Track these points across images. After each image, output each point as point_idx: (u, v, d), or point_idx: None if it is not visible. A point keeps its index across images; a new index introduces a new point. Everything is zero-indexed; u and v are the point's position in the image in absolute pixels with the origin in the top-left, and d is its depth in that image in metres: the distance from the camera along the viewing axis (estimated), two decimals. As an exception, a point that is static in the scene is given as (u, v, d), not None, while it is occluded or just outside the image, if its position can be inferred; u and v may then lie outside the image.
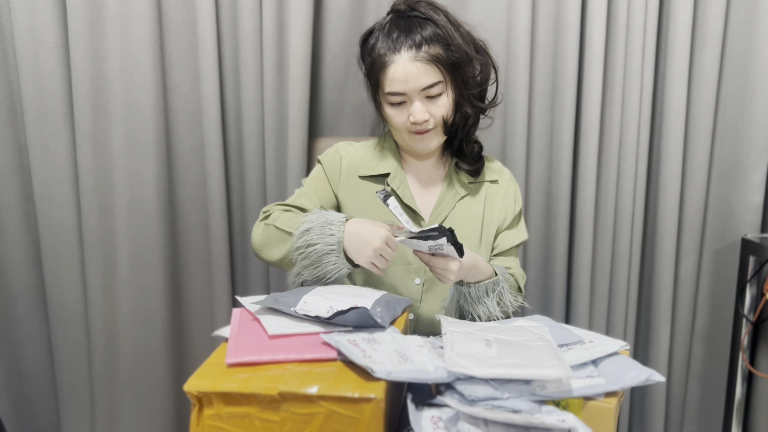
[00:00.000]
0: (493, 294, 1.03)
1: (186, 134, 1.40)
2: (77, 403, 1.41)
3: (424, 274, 1.11)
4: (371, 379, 0.64)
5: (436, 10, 1.04)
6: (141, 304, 1.39)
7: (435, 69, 1.01)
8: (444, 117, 1.06)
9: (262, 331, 0.76)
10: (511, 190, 1.18)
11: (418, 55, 1.00)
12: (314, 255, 0.95)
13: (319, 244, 0.95)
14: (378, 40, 1.04)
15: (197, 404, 0.64)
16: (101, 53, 1.28)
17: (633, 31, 1.46)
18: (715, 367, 1.68)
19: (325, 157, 1.17)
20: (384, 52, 1.02)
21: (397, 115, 1.06)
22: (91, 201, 1.32)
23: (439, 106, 1.04)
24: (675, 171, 1.53)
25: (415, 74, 1.00)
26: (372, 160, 1.16)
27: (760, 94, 1.51)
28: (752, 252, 1.52)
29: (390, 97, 1.04)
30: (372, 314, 0.77)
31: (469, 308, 1.04)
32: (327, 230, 0.96)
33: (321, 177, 1.16)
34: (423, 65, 1.00)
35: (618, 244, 1.56)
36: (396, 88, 1.02)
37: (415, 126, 1.05)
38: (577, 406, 0.69)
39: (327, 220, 0.97)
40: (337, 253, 0.95)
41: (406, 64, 1.00)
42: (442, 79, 1.02)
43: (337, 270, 0.96)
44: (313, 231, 0.96)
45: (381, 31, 1.05)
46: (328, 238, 0.95)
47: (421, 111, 1.03)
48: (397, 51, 1.01)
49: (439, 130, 1.08)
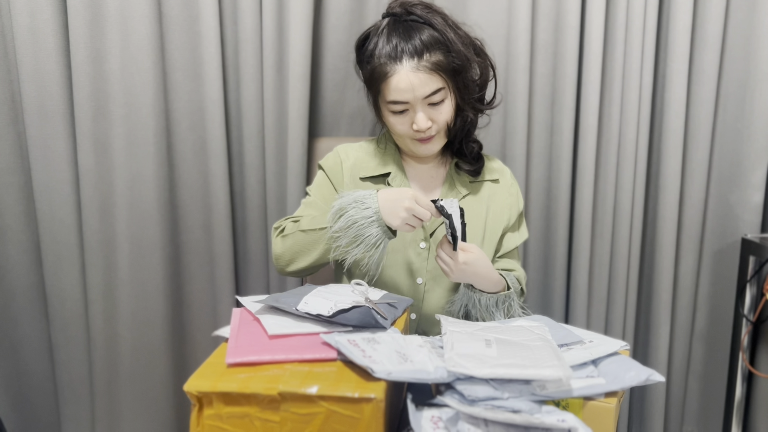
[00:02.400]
0: (503, 306, 1.05)
1: (187, 134, 1.40)
2: (77, 403, 1.41)
3: (426, 273, 1.11)
4: (371, 379, 0.64)
5: (433, 13, 1.03)
6: (141, 304, 1.39)
7: (437, 77, 1.00)
8: (446, 122, 1.06)
9: (262, 331, 0.76)
10: (513, 189, 1.19)
11: (420, 64, 0.99)
12: (355, 230, 0.96)
13: (359, 218, 0.96)
14: (377, 47, 1.02)
15: (197, 404, 0.64)
16: (102, 53, 1.28)
17: (632, 30, 1.46)
18: (715, 367, 1.68)
19: (326, 161, 1.17)
20: (385, 62, 1.01)
21: (399, 122, 1.06)
22: (91, 201, 1.32)
23: (441, 113, 1.04)
24: (675, 171, 1.53)
25: (418, 84, 1.00)
26: (372, 160, 1.16)
27: (760, 94, 1.51)
28: (752, 252, 1.52)
29: (392, 105, 1.04)
30: (374, 313, 0.77)
31: (476, 314, 1.06)
32: (361, 205, 0.97)
33: (325, 182, 1.16)
34: (425, 75, 0.99)
35: (617, 244, 1.56)
36: (399, 97, 1.01)
37: (419, 134, 1.05)
38: (577, 406, 0.69)
39: (358, 197, 0.98)
40: (377, 223, 0.96)
41: (408, 74, 0.99)
42: (444, 86, 1.02)
43: (380, 240, 0.97)
44: (348, 209, 0.97)
45: (379, 37, 1.03)
46: (365, 211, 0.96)
47: (423, 119, 1.03)
48: (399, 61, 0.99)
49: (442, 135, 1.09)
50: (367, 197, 0.97)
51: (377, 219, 0.95)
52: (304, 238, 1.03)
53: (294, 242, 1.04)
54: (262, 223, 1.48)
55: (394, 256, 1.10)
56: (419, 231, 1.11)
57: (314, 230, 1.01)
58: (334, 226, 0.97)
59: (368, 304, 0.81)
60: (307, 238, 1.02)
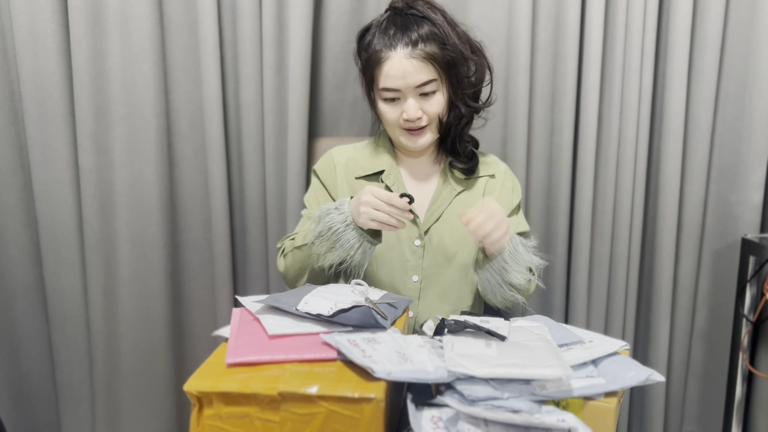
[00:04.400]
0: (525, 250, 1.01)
1: (187, 134, 1.40)
2: (77, 403, 1.41)
3: (421, 271, 1.12)
4: (371, 379, 0.64)
5: (433, 9, 1.05)
6: (142, 303, 1.39)
7: (430, 67, 1.02)
8: (438, 115, 1.07)
9: (262, 331, 0.76)
10: (508, 183, 1.19)
11: (414, 52, 1.01)
12: (332, 235, 0.98)
13: (334, 224, 0.98)
14: (374, 36, 1.05)
15: (197, 404, 0.64)
16: (102, 53, 1.28)
17: (632, 30, 1.46)
18: (714, 367, 1.67)
19: (319, 165, 1.19)
20: (380, 48, 1.03)
21: (390, 111, 1.07)
22: (92, 200, 1.32)
23: (432, 104, 1.05)
24: (674, 170, 1.53)
25: (411, 71, 1.01)
26: (366, 159, 1.16)
27: (759, 94, 1.51)
28: (752, 252, 1.52)
29: (384, 92, 1.05)
30: (374, 313, 0.77)
31: (507, 278, 1.01)
32: (336, 211, 0.99)
33: (319, 187, 1.17)
34: (418, 62, 1.01)
35: (617, 244, 1.56)
36: (390, 84, 1.03)
37: (408, 123, 1.06)
38: (577, 406, 0.69)
39: (338, 203, 1.01)
40: (351, 226, 0.97)
41: (401, 60, 1.01)
42: (436, 77, 1.03)
43: (358, 244, 0.97)
44: (326, 216, 0.99)
45: (378, 28, 1.06)
46: (339, 216, 0.98)
47: (414, 108, 1.04)
48: (393, 47, 1.02)
49: (433, 128, 1.09)
50: (343, 203, 1.00)
51: (350, 222, 0.97)
52: (299, 254, 1.06)
53: (293, 259, 1.07)
54: (262, 223, 1.48)
55: (389, 254, 1.11)
56: (413, 229, 1.11)
57: (306, 245, 1.03)
58: (315, 234, 1.00)
59: (368, 304, 0.81)
60: (302, 254, 1.05)
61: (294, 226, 1.43)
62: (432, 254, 1.12)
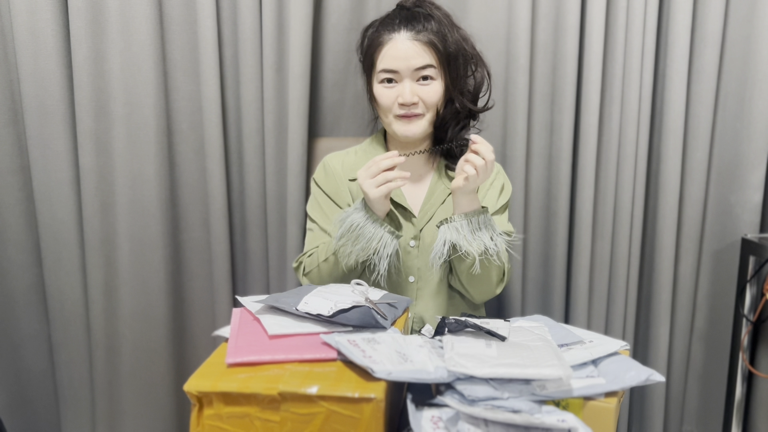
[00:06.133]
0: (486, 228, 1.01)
1: (187, 133, 1.40)
2: (77, 403, 1.41)
3: (417, 272, 1.12)
4: (371, 379, 0.64)
5: (439, 9, 1.08)
6: (142, 303, 1.39)
7: (430, 52, 1.04)
8: (434, 104, 1.07)
9: (262, 331, 0.76)
10: (496, 183, 1.19)
11: (417, 36, 1.04)
12: (357, 232, 1.00)
13: (356, 219, 1.00)
14: (378, 26, 1.09)
15: (197, 404, 0.64)
16: (102, 53, 1.28)
17: (632, 30, 1.46)
18: (714, 367, 1.67)
19: (317, 174, 1.20)
20: (382, 32, 1.06)
21: (386, 94, 1.08)
22: (92, 200, 1.32)
23: (429, 92, 1.06)
24: (674, 170, 1.53)
25: (411, 53, 1.03)
26: (360, 161, 1.17)
27: (759, 94, 1.51)
28: (752, 252, 1.52)
29: (382, 74, 1.06)
30: (374, 313, 0.77)
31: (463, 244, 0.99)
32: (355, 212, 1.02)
33: (322, 197, 1.18)
34: (420, 46, 1.03)
35: (617, 244, 1.56)
36: (389, 64, 1.05)
37: (403, 108, 1.06)
38: (577, 406, 0.69)
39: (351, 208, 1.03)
40: (371, 219, 0.99)
41: (404, 41, 1.04)
42: (435, 64, 1.05)
43: (380, 234, 0.99)
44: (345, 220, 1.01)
45: (383, 20, 1.10)
46: (357, 214, 1.01)
47: (410, 92, 1.05)
48: (397, 31, 1.05)
49: (427, 117, 1.09)
50: (357, 203, 1.03)
51: (369, 215, 0.99)
52: (326, 267, 1.07)
53: (320, 274, 1.09)
54: (262, 223, 1.48)
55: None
56: (409, 230, 1.12)
57: (332, 255, 1.05)
58: (337, 236, 1.02)
59: (368, 304, 0.81)
60: (328, 266, 1.07)
61: (294, 227, 1.43)
62: (426, 254, 1.12)
